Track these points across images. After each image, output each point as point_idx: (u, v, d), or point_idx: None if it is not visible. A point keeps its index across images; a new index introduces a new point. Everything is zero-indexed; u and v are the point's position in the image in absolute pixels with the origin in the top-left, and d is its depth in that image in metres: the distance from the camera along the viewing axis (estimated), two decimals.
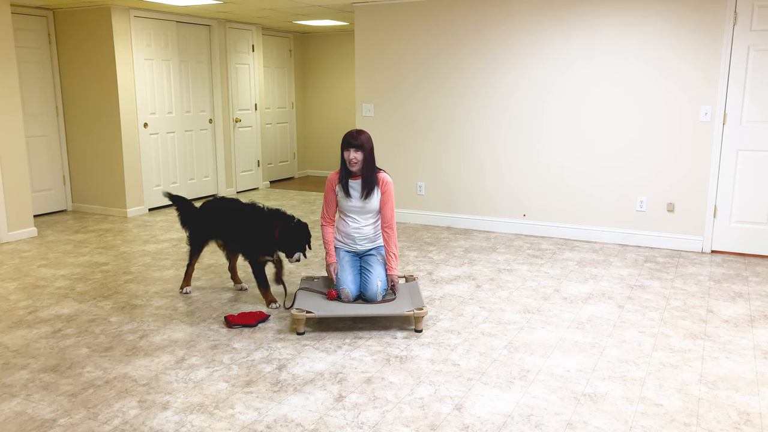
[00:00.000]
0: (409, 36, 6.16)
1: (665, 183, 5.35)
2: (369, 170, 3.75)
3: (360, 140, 3.69)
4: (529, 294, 4.24)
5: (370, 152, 3.75)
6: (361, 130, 3.75)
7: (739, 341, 3.45)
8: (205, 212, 4.16)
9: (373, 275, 3.70)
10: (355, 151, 3.70)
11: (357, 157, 3.70)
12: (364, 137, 3.72)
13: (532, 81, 5.71)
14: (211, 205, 4.17)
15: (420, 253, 5.27)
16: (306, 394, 2.85)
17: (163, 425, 2.59)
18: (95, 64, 6.68)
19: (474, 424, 2.60)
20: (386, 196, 3.78)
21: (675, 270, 4.79)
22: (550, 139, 5.72)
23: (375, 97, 6.43)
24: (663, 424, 2.60)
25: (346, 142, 3.72)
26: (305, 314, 3.48)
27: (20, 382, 2.99)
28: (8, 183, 5.70)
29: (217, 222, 4.08)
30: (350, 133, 3.72)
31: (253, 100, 8.54)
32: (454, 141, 6.13)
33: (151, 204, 7.18)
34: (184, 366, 3.15)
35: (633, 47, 5.28)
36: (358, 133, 3.72)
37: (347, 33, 9.31)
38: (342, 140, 3.74)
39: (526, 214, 5.95)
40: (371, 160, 3.76)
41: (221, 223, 4.06)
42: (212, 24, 7.72)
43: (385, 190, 3.78)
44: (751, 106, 4.99)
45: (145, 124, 6.97)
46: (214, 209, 4.13)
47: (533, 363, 3.18)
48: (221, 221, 4.06)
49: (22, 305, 4.05)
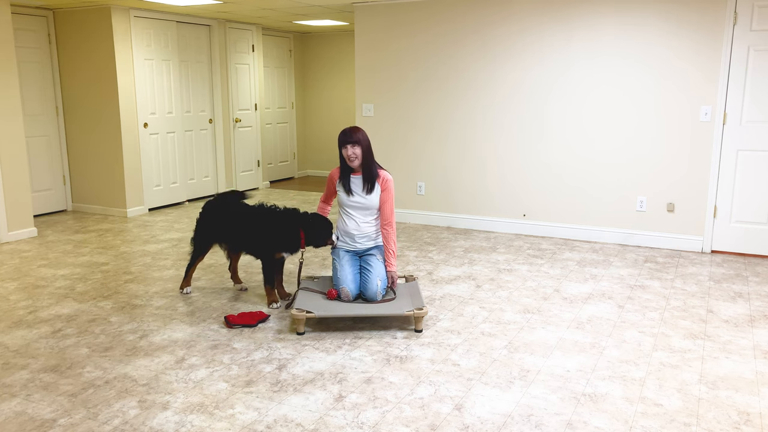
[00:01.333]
0: (409, 36, 6.16)
1: (665, 183, 5.35)
2: (369, 164, 3.78)
3: (356, 136, 3.72)
4: (529, 294, 4.24)
5: (368, 147, 3.77)
6: (356, 127, 3.78)
7: (739, 341, 3.45)
8: (212, 214, 4.11)
9: (373, 274, 3.70)
10: (352, 147, 3.72)
11: (356, 152, 3.72)
12: (360, 134, 3.74)
13: (532, 81, 5.70)
14: (215, 207, 4.12)
15: (420, 253, 5.27)
16: (306, 394, 2.85)
17: (163, 425, 2.59)
18: (95, 64, 6.68)
19: (474, 424, 2.60)
20: (386, 193, 3.81)
21: (675, 270, 4.79)
22: (550, 139, 5.72)
23: (375, 97, 6.43)
24: (663, 424, 2.60)
25: (342, 140, 3.75)
26: (305, 314, 3.48)
27: (20, 382, 2.99)
28: (8, 183, 5.70)
29: (227, 224, 4.02)
30: (345, 130, 3.75)
31: (253, 100, 8.54)
32: (454, 141, 6.13)
33: (151, 204, 7.18)
34: (184, 366, 3.15)
35: (633, 47, 5.28)
36: (353, 130, 3.74)
37: (347, 33, 9.31)
38: (338, 138, 3.77)
39: (526, 214, 5.95)
40: (369, 154, 3.79)
41: (232, 225, 4.00)
42: (212, 24, 7.72)
43: (385, 187, 3.81)
44: (751, 106, 4.99)
45: (145, 124, 6.97)
46: (220, 211, 4.08)
47: (533, 363, 3.18)
48: (231, 223, 4.00)
49: (22, 305, 4.05)
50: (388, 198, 3.81)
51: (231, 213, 4.01)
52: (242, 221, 3.95)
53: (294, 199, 7.87)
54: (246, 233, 3.94)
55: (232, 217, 4.00)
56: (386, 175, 3.83)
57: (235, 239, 4.05)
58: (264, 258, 3.95)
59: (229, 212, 4.02)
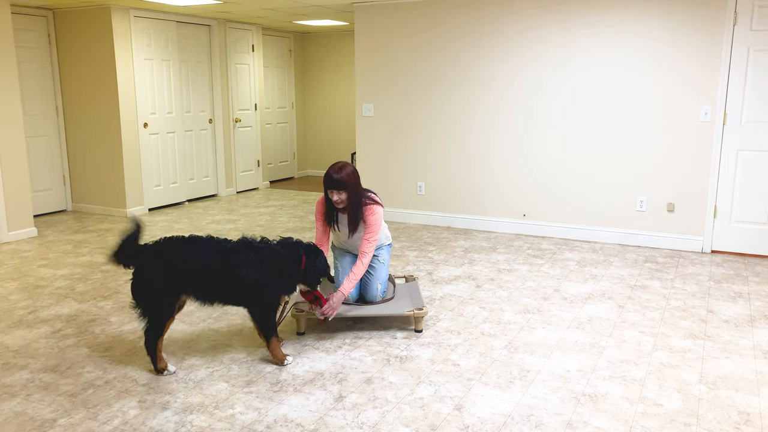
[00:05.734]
0: (409, 36, 6.16)
1: (665, 183, 5.35)
2: (355, 208, 3.46)
3: (341, 178, 3.36)
4: (529, 294, 4.24)
5: (355, 188, 3.42)
6: (343, 165, 3.41)
7: (739, 341, 3.45)
8: (174, 259, 2.98)
9: (374, 278, 3.68)
10: (338, 193, 3.40)
11: (341, 197, 3.40)
12: (345, 174, 3.38)
13: (531, 81, 5.70)
14: (172, 250, 2.99)
15: (420, 253, 5.27)
16: (306, 394, 2.85)
17: (163, 425, 2.59)
18: (95, 63, 6.68)
19: (474, 424, 2.60)
20: (369, 229, 3.50)
21: (675, 270, 4.79)
22: (550, 139, 5.72)
23: (375, 97, 6.43)
24: (663, 424, 2.60)
25: (326, 182, 3.41)
26: (305, 314, 3.48)
27: (20, 382, 2.99)
28: (8, 183, 5.70)
29: (198, 271, 2.98)
30: (330, 173, 3.39)
31: (253, 100, 8.54)
32: (454, 141, 6.13)
33: (151, 204, 7.18)
34: (184, 366, 3.15)
35: (633, 47, 5.28)
36: (339, 170, 3.38)
37: (347, 33, 9.31)
38: (324, 177, 3.42)
39: (526, 214, 5.95)
40: (356, 196, 3.44)
41: (203, 272, 2.99)
42: (212, 24, 7.72)
43: (368, 222, 3.49)
44: (751, 106, 4.99)
45: (145, 124, 6.97)
46: (184, 254, 2.98)
47: (533, 363, 3.18)
48: (203, 270, 2.99)
49: (22, 305, 4.05)
50: (369, 231, 3.48)
51: (203, 254, 3.00)
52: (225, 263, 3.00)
53: (294, 199, 7.87)
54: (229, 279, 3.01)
55: (205, 260, 3.00)
56: (372, 208, 3.49)
57: (215, 287, 3.03)
58: (265, 309, 3.13)
59: (200, 253, 3.01)
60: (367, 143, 6.54)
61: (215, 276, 3.00)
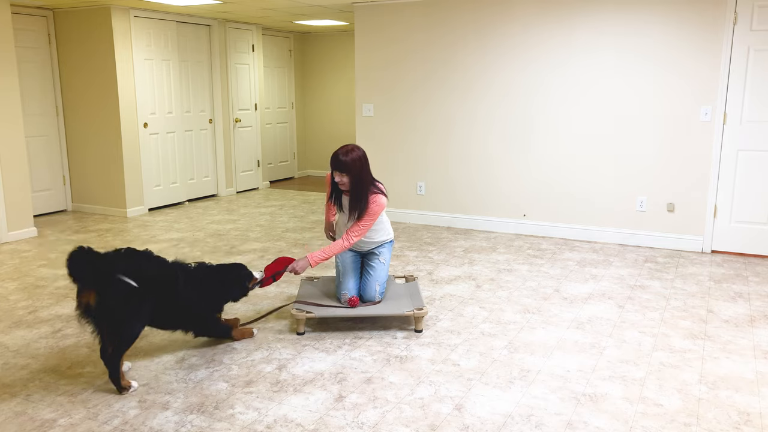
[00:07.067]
0: (409, 36, 6.16)
1: (665, 183, 5.35)
2: (358, 193, 3.44)
3: (345, 161, 3.36)
4: (529, 294, 4.24)
5: (359, 173, 3.40)
6: (352, 149, 3.39)
7: (739, 341, 3.45)
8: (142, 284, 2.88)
9: (373, 278, 3.67)
10: (340, 175, 3.41)
11: (343, 180, 3.43)
12: (351, 158, 3.37)
13: (531, 81, 5.70)
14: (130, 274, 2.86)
15: (420, 253, 5.27)
16: (306, 394, 2.85)
17: (163, 425, 2.59)
18: (95, 64, 6.68)
19: (474, 424, 2.60)
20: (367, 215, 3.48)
21: (675, 270, 4.79)
22: (550, 139, 5.72)
23: (375, 97, 6.43)
24: (663, 424, 2.60)
25: (332, 162, 3.42)
26: (305, 314, 3.48)
27: (20, 382, 2.99)
28: (8, 183, 5.70)
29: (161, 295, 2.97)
30: (339, 150, 3.41)
31: (253, 100, 8.53)
32: (454, 141, 6.13)
33: (151, 204, 7.18)
34: (184, 366, 3.14)
35: (633, 47, 5.28)
36: (346, 153, 3.38)
37: (347, 33, 9.31)
38: (331, 157, 3.45)
39: (526, 214, 5.95)
40: (360, 182, 3.41)
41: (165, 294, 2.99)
42: (212, 24, 7.72)
43: (369, 211, 3.48)
44: (751, 106, 4.99)
45: (145, 124, 6.97)
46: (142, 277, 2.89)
47: (533, 363, 3.18)
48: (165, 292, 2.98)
49: (22, 305, 4.05)
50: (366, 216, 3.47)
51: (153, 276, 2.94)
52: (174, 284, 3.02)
53: (294, 199, 7.87)
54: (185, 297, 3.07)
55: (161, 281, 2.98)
56: (375, 198, 3.46)
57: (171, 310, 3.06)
58: (209, 323, 3.31)
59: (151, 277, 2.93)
60: (367, 143, 6.54)
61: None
